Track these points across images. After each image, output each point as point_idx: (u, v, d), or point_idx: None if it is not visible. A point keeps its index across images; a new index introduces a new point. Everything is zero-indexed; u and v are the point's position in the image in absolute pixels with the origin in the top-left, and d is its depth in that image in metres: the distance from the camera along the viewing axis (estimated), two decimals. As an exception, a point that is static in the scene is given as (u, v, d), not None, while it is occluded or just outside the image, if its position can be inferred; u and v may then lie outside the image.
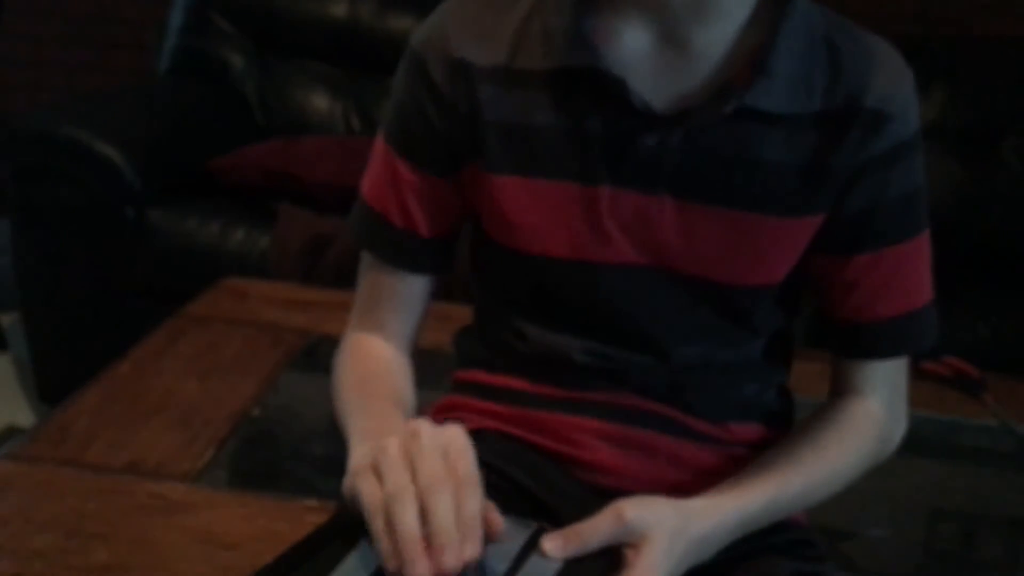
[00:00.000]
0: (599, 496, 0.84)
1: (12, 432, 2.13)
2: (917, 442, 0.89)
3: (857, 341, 0.87)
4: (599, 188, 0.80)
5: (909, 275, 0.86)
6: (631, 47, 0.79)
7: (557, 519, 0.82)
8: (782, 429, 0.91)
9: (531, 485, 0.85)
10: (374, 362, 0.90)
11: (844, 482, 0.87)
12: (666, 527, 0.77)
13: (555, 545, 0.75)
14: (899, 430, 0.91)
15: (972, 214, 2.32)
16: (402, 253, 0.89)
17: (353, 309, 0.93)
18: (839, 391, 0.90)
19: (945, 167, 2.32)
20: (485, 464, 0.84)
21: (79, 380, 1.31)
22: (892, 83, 0.80)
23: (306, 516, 1.06)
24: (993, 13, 2.62)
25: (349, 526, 0.78)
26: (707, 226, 0.80)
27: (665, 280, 0.82)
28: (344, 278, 1.95)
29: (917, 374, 1.41)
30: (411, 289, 0.91)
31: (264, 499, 1.09)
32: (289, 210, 2.14)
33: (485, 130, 0.82)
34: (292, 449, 1.26)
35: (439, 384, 0.97)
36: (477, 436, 0.87)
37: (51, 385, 2.19)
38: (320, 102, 2.57)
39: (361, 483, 0.68)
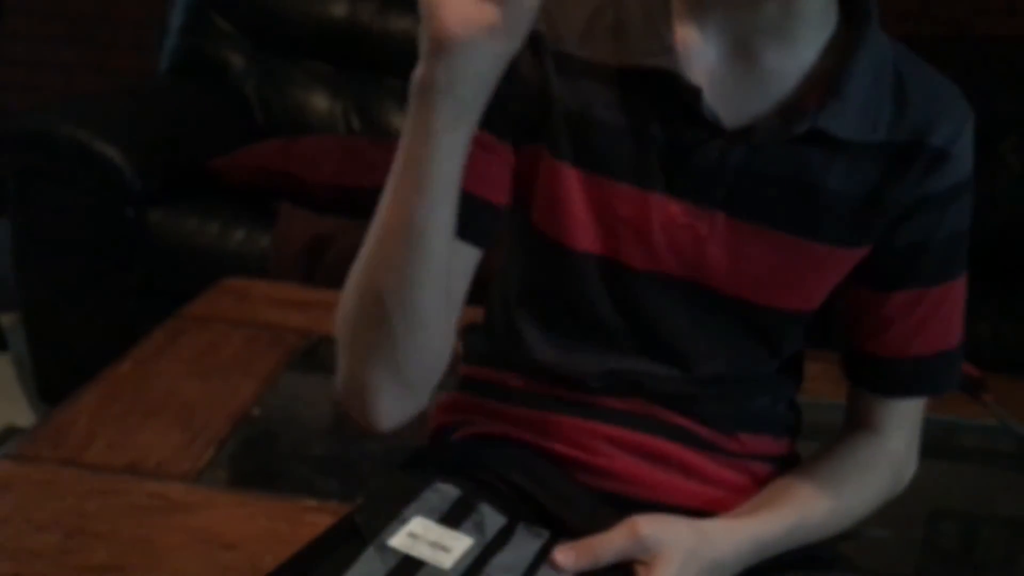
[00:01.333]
0: (607, 503, 0.83)
1: (12, 432, 2.12)
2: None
3: (883, 377, 0.87)
4: (652, 194, 0.78)
5: (945, 316, 0.85)
6: (704, 57, 0.78)
7: (563, 527, 0.82)
8: (790, 441, 0.92)
9: (537, 492, 0.84)
10: None
11: (857, 519, 0.88)
12: (680, 546, 0.77)
13: (567, 557, 0.75)
14: (911, 469, 0.91)
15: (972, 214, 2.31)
16: (467, 217, 0.77)
17: None
18: (859, 424, 0.89)
19: (945, 167, 2.32)
20: (491, 470, 0.84)
21: (79, 380, 1.31)
22: (957, 124, 0.80)
23: (306, 516, 1.06)
24: (993, 13, 2.62)
25: (358, 529, 0.77)
26: (756, 247, 0.79)
27: (700, 296, 0.81)
28: (344, 278, 1.95)
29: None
30: (457, 258, 0.78)
31: (264, 499, 1.09)
32: (289, 210, 2.14)
33: (553, 112, 0.79)
34: (292, 449, 1.26)
35: (443, 383, 0.96)
36: (483, 442, 0.87)
37: (51, 385, 2.19)
38: (320, 102, 2.57)
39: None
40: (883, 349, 0.85)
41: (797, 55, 0.78)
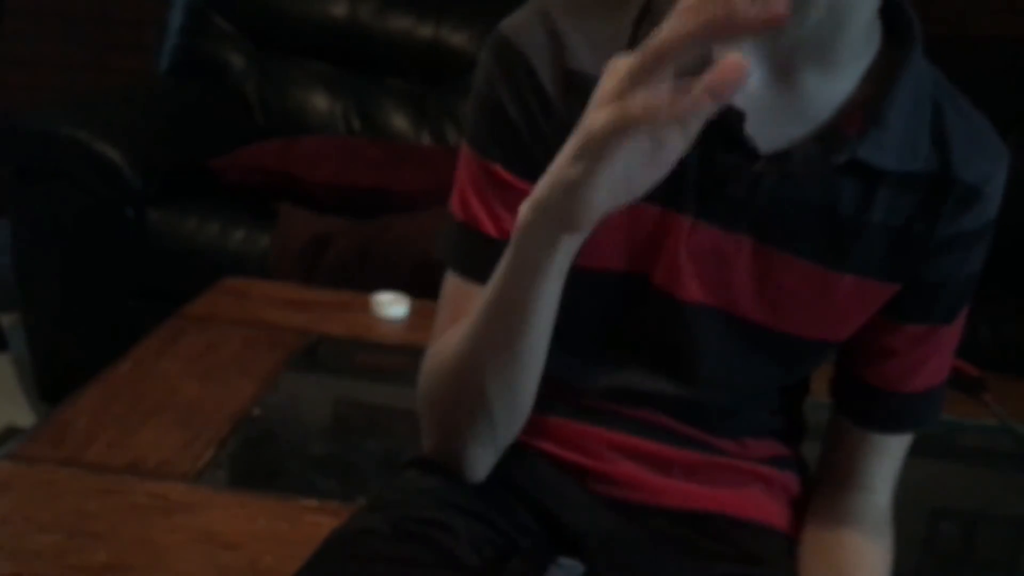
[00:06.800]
0: (611, 508, 0.83)
1: (12, 432, 2.13)
2: (917, 442, 0.89)
3: (874, 410, 0.86)
4: (681, 217, 0.76)
5: (944, 352, 0.85)
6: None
7: (566, 533, 0.82)
8: (795, 445, 0.92)
9: (541, 498, 0.84)
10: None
11: None
12: None
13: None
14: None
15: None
16: (493, 264, 0.81)
17: (435, 326, 0.86)
18: (844, 476, 0.88)
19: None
20: (494, 477, 0.83)
21: (79, 380, 1.31)
22: (992, 163, 0.78)
23: (306, 516, 1.06)
24: (993, 13, 2.62)
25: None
26: (782, 273, 0.77)
27: (724, 321, 0.79)
28: (344, 278, 1.95)
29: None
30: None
31: (264, 499, 1.09)
32: (289, 210, 2.14)
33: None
34: (292, 449, 1.26)
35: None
36: None
37: (51, 385, 2.19)
38: (320, 102, 2.57)
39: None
40: (880, 381, 0.84)
41: (837, 79, 0.74)
